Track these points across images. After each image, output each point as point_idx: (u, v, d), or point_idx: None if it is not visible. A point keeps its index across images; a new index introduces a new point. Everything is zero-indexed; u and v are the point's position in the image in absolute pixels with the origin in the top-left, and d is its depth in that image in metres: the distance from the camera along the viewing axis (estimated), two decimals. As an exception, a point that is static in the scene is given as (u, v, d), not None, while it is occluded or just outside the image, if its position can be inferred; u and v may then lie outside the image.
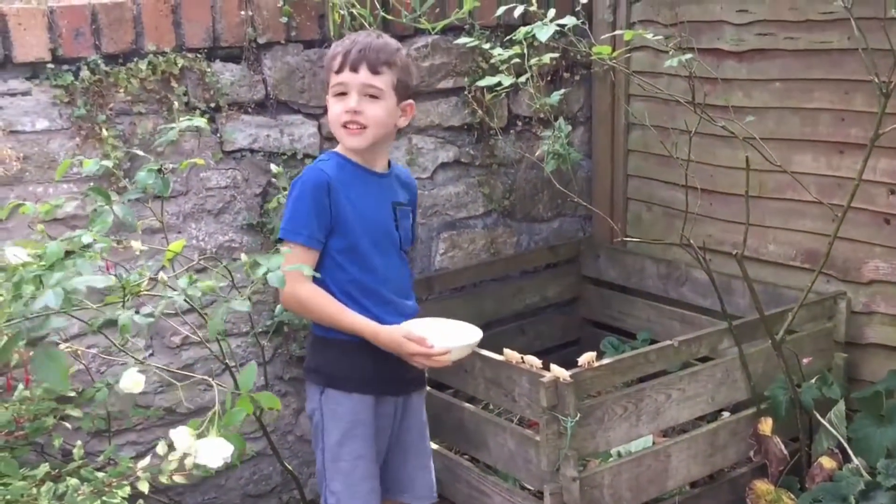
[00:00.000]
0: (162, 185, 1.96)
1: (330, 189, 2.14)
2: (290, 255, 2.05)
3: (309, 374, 2.29)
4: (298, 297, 2.15)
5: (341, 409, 2.21)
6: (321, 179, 2.15)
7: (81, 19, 2.45)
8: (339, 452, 2.21)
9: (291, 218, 2.14)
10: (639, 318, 3.30)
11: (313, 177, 2.15)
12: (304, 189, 2.14)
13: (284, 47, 2.77)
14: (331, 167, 2.19)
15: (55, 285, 1.60)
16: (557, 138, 2.84)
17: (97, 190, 1.95)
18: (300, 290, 2.13)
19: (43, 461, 2.22)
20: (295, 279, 2.08)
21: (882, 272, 2.67)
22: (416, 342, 2.13)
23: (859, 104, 2.64)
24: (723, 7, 2.95)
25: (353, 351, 2.18)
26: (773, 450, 2.50)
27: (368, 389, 2.22)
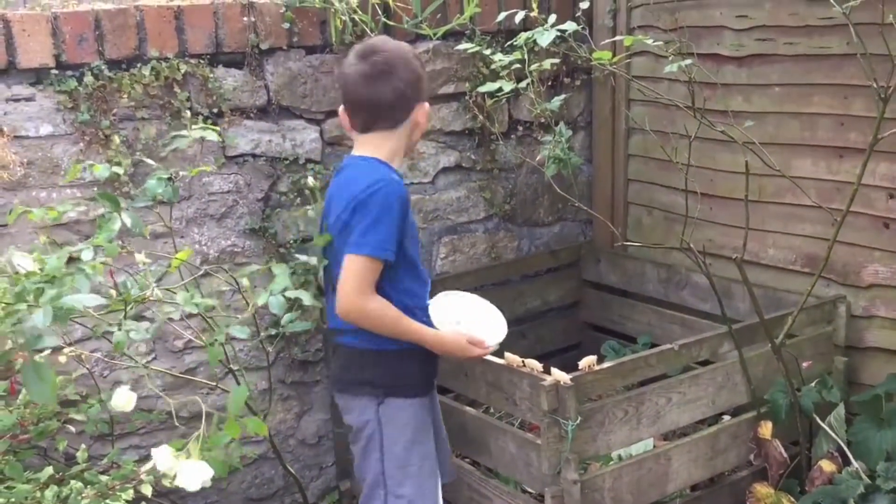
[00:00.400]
0: (171, 192, 1.98)
1: (406, 202, 2.17)
2: (366, 267, 2.10)
3: (362, 388, 2.25)
4: (366, 312, 2.13)
5: (405, 415, 2.23)
6: (404, 193, 2.15)
7: (85, 25, 2.46)
8: (407, 457, 2.24)
9: (381, 232, 2.10)
10: (639, 322, 3.31)
11: (399, 191, 2.14)
12: (390, 202, 2.11)
13: (286, 53, 2.78)
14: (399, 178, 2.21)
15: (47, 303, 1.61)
16: (558, 143, 2.85)
17: (106, 196, 1.97)
18: (369, 304, 2.12)
19: (47, 464, 2.24)
20: (364, 293, 2.11)
21: (881, 276, 2.68)
22: (476, 344, 2.24)
23: (858, 109, 2.65)
24: (722, 12, 2.96)
25: (407, 358, 2.23)
26: (774, 453, 2.51)
27: (424, 391, 2.29)
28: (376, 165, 2.19)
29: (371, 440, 2.26)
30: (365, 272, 2.11)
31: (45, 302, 1.61)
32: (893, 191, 2.61)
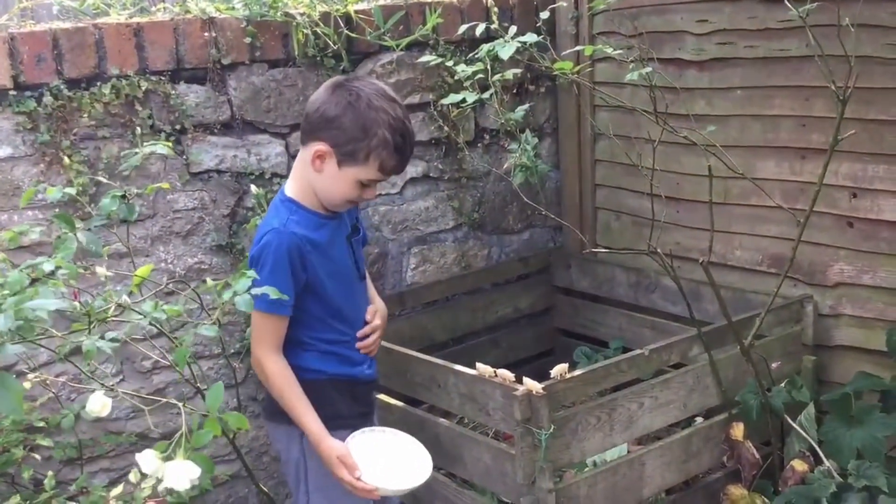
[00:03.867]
0: (127, 210, 1.95)
1: (301, 251, 2.06)
2: (264, 323, 2.05)
3: (284, 416, 2.16)
4: (265, 369, 2.10)
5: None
6: (293, 243, 2.05)
7: (43, 45, 2.43)
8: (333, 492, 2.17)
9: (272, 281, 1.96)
10: (611, 327, 3.32)
11: (287, 242, 2.04)
12: (279, 256, 2.03)
13: (249, 67, 2.76)
14: (296, 225, 2.08)
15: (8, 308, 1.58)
16: (524, 151, 2.85)
17: (61, 217, 1.94)
18: (269, 363, 2.09)
19: (14, 492, 2.20)
20: (265, 349, 2.08)
21: (847, 275, 2.71)
22: (348, 468, 2.08)
23: (819, 110, 2.68)
24: (683, 17, 2.99)
25: (333, 389, 2.17)
26: (746, 455, 2.52)
27: (351, 424, 2.20)
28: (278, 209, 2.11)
29: (297, 472, 2.22)
30: (264, 325, 2.07)
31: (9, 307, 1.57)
32: (856, 190, 2.65)
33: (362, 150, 2.03)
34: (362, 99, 2.03)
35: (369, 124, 2.02)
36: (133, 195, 1.92)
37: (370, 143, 2.02)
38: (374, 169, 2.06)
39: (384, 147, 2.03)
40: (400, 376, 2.58)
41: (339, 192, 2.09)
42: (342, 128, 2.02)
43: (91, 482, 2.42)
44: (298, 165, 2.14)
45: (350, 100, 2.03)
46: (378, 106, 2.03)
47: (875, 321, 2.66)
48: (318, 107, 2.06)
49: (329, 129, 2.03)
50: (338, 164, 2.05)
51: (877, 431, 2.44)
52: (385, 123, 2.03)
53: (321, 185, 2.09)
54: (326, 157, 2.05)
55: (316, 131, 2.06)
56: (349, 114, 2.02)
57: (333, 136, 2.03)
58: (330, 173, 2.06)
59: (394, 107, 2.07)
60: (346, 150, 2.03)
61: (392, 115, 2.05)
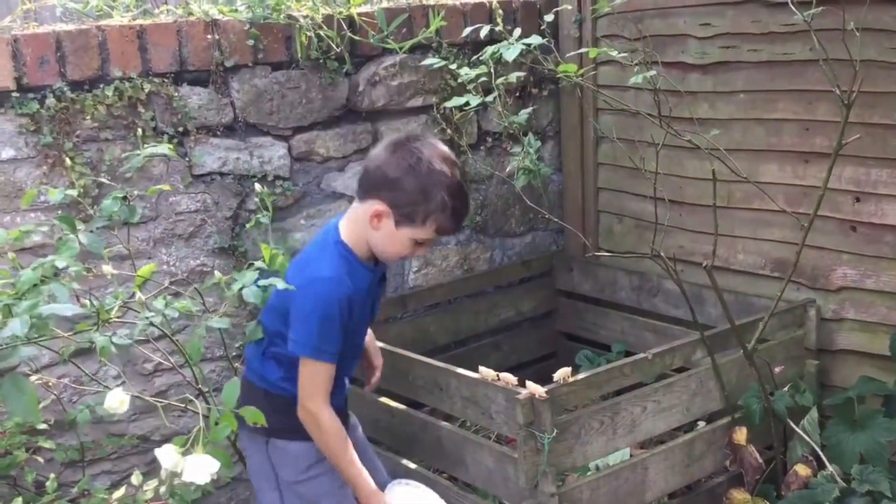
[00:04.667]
0: (128, 212, 1.95)
1: (350, 304, 2.08)
2: (317, 372, 2.06)
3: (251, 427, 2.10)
4: (321, 423, 2.09)
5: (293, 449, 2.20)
6: (346, 297, 2.06)
7: (46, 47, 2.43)
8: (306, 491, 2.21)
9: (321, 336, 2.04)
10: (613, 330, 3.31)
11: (341, 295, 2.05)
12: (333, 308, 2.04)
13: (252, 70, 2.76)
14: (350, 277, 2.09)
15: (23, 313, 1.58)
16: (527, 154, 2.85)
17: (63, 218, 1.94)
18: (325, 416, 2.09)
19: (16, 495, 2.20)
20: (320, 400, 2.08)
21: (850, 279, 2.70)
22: None
23: (822, 114, 2.68)
24: (686, 21, 2.98)
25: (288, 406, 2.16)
26: (749, 459, 2.52)
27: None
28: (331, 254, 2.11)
29: (268, 481, 2.24)
30: (316, 372, 2.08)
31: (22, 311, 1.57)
32: (859, 194, 2.64)
33: (420, 213, 2.06)
34: (423, 162, 2.05)
35: (429, 188, 2.04)
36: (135, 197, 1.92)
37: (429, 206, 2.05)
38: (431, 230, 2.09)
39: (442, 210, 2.06)
40: (402, 379, 2.58)
41: (394, 250, 2.12)
42: (403, 190, 2.04)
43: (93, 485, 2.41)
44: (355, 216, 2.14)
45: (411, 162, 2.04)
46: (438, 170, 2.05)
47: (878, 325, 2.66)
48: (379, 165, 2.08)
49: (389, 190, 2.05)
50: (395, 224, 2.07)
51: (880, 436, 2.43)
52: (444, 187, 2.05)
53: (376, 241, 2.12)
54: (384, 216, 2.07)
55: (376, 189, 2.08)
56: (410, 177, 2.04)
57: (393, 197, 2.05)
58: (387, 232, 2.08)
59: (452, 170, 2.09)
60: (405, 212, 2.06)
61: (451, 179, 2.07)
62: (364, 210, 2.09)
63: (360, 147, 3.02)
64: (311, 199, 2.95)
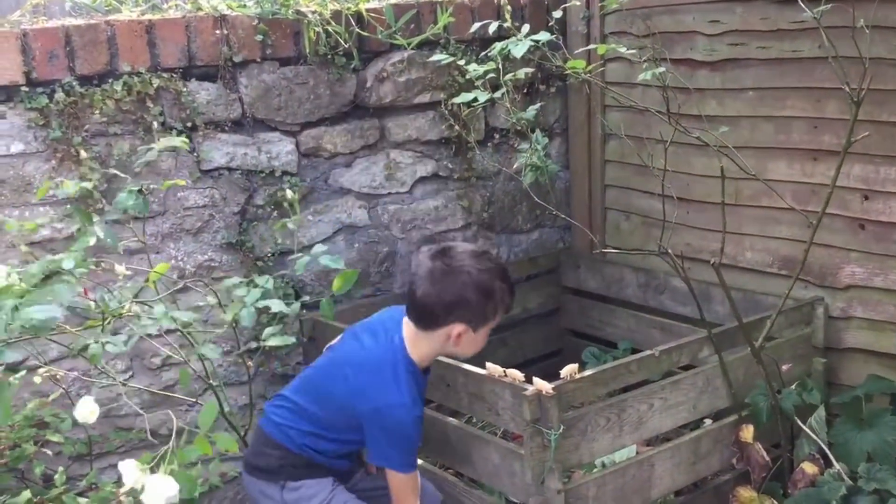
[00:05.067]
0: (143, 205, 1.96)
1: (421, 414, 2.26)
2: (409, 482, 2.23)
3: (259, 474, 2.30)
4: None
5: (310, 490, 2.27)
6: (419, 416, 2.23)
7: (55, 41, 2.44)
8: None
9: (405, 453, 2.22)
10: (619, 328, 3.31)
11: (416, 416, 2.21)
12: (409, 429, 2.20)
13: (260, 65, 2.77)
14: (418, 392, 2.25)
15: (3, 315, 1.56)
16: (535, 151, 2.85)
17: (79, 210, 1.95)
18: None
19: (24, 488, 2.20)
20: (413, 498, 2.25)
21: (858, 277, 2.70)
22: None
23: (831, 111, 2.67)
24: (695, 18, 2.98)
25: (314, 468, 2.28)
26: (756, 457, 2.51)
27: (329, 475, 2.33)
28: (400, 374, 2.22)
29: None
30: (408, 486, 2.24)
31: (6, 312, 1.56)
32: (868, 192, 2.63)
33: (491, 311, 2.25)
34: (472, 271, 2.21)
35: (487, 289, 2.21)
36: (149, 190, 1.92)
37: (494, 302, 2.24)
38: (501, 315, 2.30)
39: (504, 296, 2.26)
40: (409, 375, 2.57)
41: (476, 348, 2.31)
42: (470, 305, 2.20)
43: (100, 478, 2.42)
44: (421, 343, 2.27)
45: (462, 280, 2.20)
46: (483, 268, 2.22)
47: (886, 324, 2.65)
48: (437, 298, 2.21)
49: (458, 311, 2.20)
50: (474, 331, 2.25)
51: (887, 434, 2.43)
52: (496, 279, 2.23)
53: (460, 351, 2.31)
54: (464, 333, 2.24)
55: (446, 318, 2.22)
56: (469, 291, 2.19)
57: (465, 314, 2.21)
58: (468, 340, 2.26)
59: (488, 259, 2.27)
60: (480, 319, 2.24)
61: (495, 268, 2.26)
62: (441, 335, 2.24)
63: (368, 143, 3.03)
64: (318, 194, 2.95)
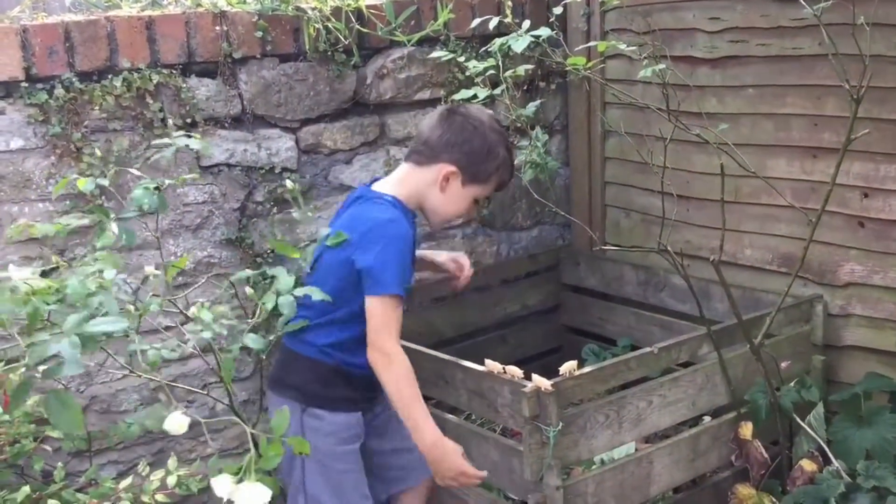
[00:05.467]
0: (159, 202, 1.96)
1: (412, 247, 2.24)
2: (392, 307, 2.12)
3: (288, 391, 2.26)
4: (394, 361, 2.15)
5: (328, 425, 2.22)
6: (408, 231, 2.22)
7: (55, 37, 2.43)
8: (328, 469, 2.21)
9: (396, 271, 2.14)
10: (619, 325, 3.31)
11: (405, 229, 2.21)
12: (400, 241, 2.18)
13: (260, 61, 2.76)
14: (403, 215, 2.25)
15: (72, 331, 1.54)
16: (535, 148, 2.85)
17: (97, 209, 1.96)
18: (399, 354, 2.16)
19: (23, 484, 2.21)
20: (393, 337, 2.15)
21: (858, 275, 2.70)
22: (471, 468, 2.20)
23: (831, 109, 2.67)
24: (695, 15, 2.97)
25: (339, 374, 2.24)
26: (755, 454, 2.52)
27: (353, 408, 2.30)
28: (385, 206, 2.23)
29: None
30: (392, 308, 2.14)
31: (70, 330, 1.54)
32: (868, 190, 2.63)
33: (486, 171, 2.26)
34: (484, 124, 2.27)
35: (493, 147, 2.25)
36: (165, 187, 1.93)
37: (493, 163, 2.26)
38: (492, 186, 2.32)
39: (504, 166, 2.28)
40: (408, 372, 2.58)
41: (456, 209, 2.31)
42: (470, 151, 2.23)
43: (100, 474, 2.42)
44: (409, 180, 2.28)
45: (474, 125, 2.25)
46: (496, 129, 2.30)
47: (885, 322, 2.65)
48: (441, 133, 2.24)
49: (457, 153, 2.24)
50: (462, 184, 2.26)
51: (886, 432, 2.43)
52: (503, 145, 2.28)
53: (439, 203, 2.29)
54: (453, 177, 2.25)
55: (441, 154, 2.24)
56: (476, 139, 2.24)
57: (462, 159, 2.24)
58: (453, 191, 2.26)
59: (503, 130, 2.34)
60: (473, 171, 2.25)
61: (505, 138, 2.32)
62: (432, 173, 2.23)
63: (368, 140, 3.02)
64: (318, 191, 2.95)
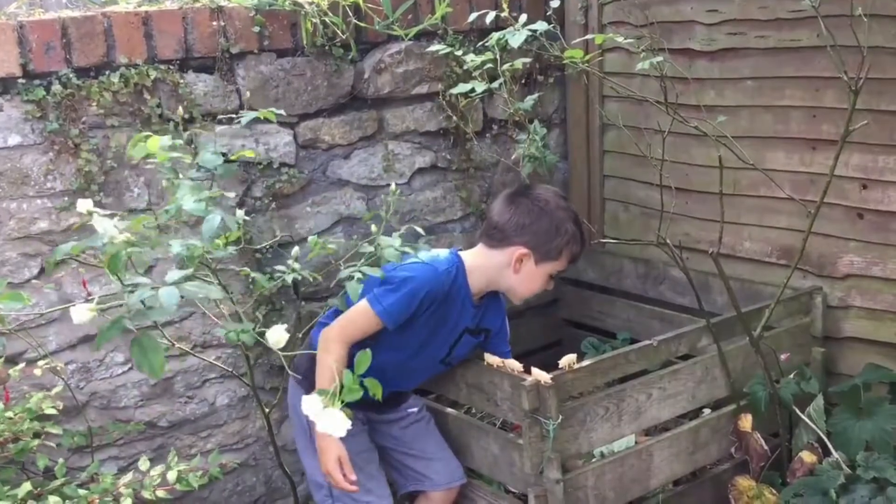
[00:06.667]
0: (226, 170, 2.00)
1: (435, 298, 2.27)
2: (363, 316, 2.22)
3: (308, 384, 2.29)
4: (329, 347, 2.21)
5: None
6: (438, 292, 2.26)
7: (52, 33, 2.43)
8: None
9: (397, 303, 2.22)
10: (618, 318, 3.31)
11: (432, 284, 2.25)
12: (418, 290, 2.23)
13: (258, 57, 2.76)
14: (451, 281, 2.30)
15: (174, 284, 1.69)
16: (533, 141, 2.85)
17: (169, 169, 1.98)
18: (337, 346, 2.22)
19: (25, 479, 2.21)
20: (345, 335, 2.23)
21: (857, 266, 2.70)
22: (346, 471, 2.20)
23: (830, 101, 2.67)
24: (693, 7, 2.97)
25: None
26: (754, 446, 2.52)
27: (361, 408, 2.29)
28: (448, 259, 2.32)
29: (305, 431, 2.36)
30: (360, 318, 2.23)
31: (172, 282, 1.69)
32: (866, 181, 2.63)
33: (557, 248, 2.34)
34: (549, 203, 2.35)
35: (560, 224, 2.33)
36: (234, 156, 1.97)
37: (563, 240, 2.33)
38: (566, 261, 2.38)
39: (574, 241, 2.36)
40: (408, 366, 2.58)
41: (532, 287, 2.38)
42: (539, 232, 2.32)
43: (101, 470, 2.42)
44: (481, 256, 2.38)
45: (540, 206, 2.34)
46: (563, 206, 2.37)
47: (885, 313, 2.66)
48: (510, 217, 2.34)
49: (527, 235, 2.32)
50: (535, 263, 2.33)
51: (886, 423, 2.44)
52: (571, 220, 2.36)
53: (515, 283, 2.36)
54: (526, 258, 2.33)
55: (513, 237, 2.33)
56: (544, 219, 2.33)
57: (532, 240, 2.32)
58: (527, 272, 2.34)
59: (569, 204, 2.42)
60: (544, 251, 2.33)
61: (572, 212, 2.39)
62: (504, 255, 2.33)
63: (366, 134, 3.02)
64: (316, 186, 2.95)
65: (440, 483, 2.50)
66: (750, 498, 2.46)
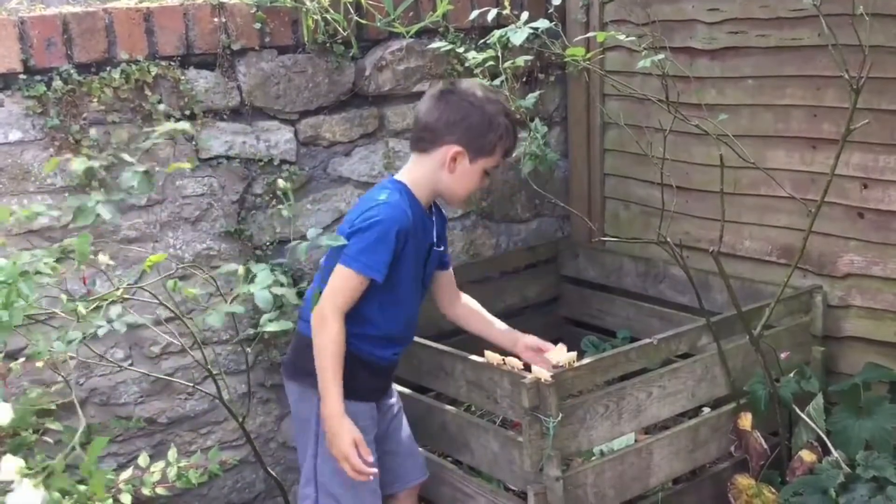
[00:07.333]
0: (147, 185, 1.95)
1: (406, 232, 2.21)
2: (348, 281, 2.16)
3: (306, 378, 2.26)
4: (326, 325, 2.16)
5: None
6: (404, 222, 2.20)
7: (53, 29, 2.43)
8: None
9: (365, 249, 2.16)
10: (618, 317, 3.31)
11: (399, 217, 2.19)
12: (388, 228, 2.17)
13: (259, 53, 2.76)
14: (409, 205, 2.24)
15: None
16: (534, 139, 2.85)
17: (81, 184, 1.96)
18: (333, 321, 2.16)
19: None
20: (337, 306, 2.16)
21: (857, 266, 2.70)
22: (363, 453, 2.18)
23: (831, 100, 2.67)
24: (694, 6, 2.97)
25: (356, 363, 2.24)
26: (754, 444, 2.52)
27: (368, 398, 2.32)
28: (388, 189, 2.26)
29: (307, 433, 2.31)
30: (350, 279, 2.17)
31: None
32: (867, 181, 2.63)
33: (490, 142, 2.26)
34: (479, 97, 2.26)
35: (492, 118, 2.25)
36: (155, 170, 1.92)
37: (496, 134, 2.26)
38: (500, 155, 2.31)
39: (507, 133, 2.29)
40: (407, 364, 2.58)
41: (468, 185, 2.30)
42: (471, 127, 2.24)
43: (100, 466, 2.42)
44: (417, 168, 2.31)
45: (469, 100, 2.25)
46: (492, 99, 2.29)
47: (885, 312, 2.66)
48: (438, 115, 2.26)
49: (458, 132, 2.24)
50: (469, 161, 2.26)
51: (886, 422, 2.44)
52: (502, 113, 2.28)
53: (450, 183, 2.29)
54: (460, 156, 2.26)
55: (444, 136, 2.25)
56: (474, 114, 2.24)
57: (464, 137, 2.24)
58: (462, 170, 2.27)
59: (498, 97, 2.34)
60: (478, 146, 2.26)
61: (502, 105, 2.31)
62: (436, 157, 2.26)
63: (367, 132, 3.02)
64: (317, 183, 2.95)
65: (409, 480, 2.50)
66: (749, 496, 2.46)
